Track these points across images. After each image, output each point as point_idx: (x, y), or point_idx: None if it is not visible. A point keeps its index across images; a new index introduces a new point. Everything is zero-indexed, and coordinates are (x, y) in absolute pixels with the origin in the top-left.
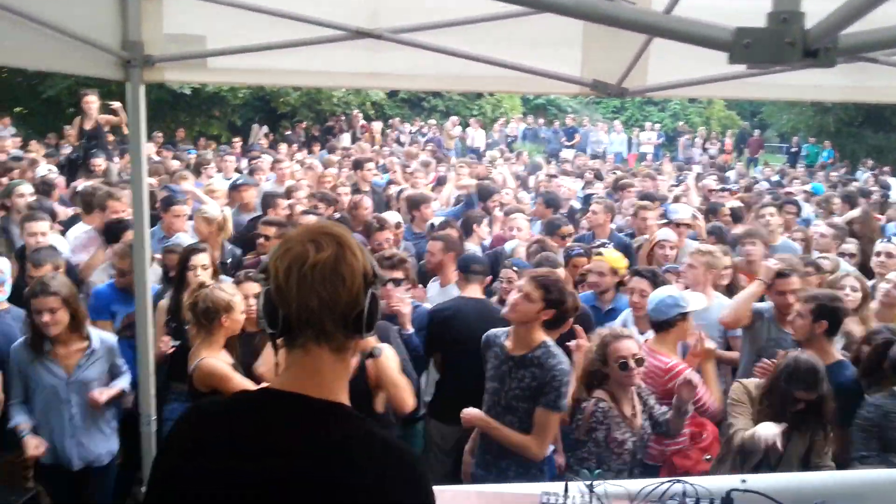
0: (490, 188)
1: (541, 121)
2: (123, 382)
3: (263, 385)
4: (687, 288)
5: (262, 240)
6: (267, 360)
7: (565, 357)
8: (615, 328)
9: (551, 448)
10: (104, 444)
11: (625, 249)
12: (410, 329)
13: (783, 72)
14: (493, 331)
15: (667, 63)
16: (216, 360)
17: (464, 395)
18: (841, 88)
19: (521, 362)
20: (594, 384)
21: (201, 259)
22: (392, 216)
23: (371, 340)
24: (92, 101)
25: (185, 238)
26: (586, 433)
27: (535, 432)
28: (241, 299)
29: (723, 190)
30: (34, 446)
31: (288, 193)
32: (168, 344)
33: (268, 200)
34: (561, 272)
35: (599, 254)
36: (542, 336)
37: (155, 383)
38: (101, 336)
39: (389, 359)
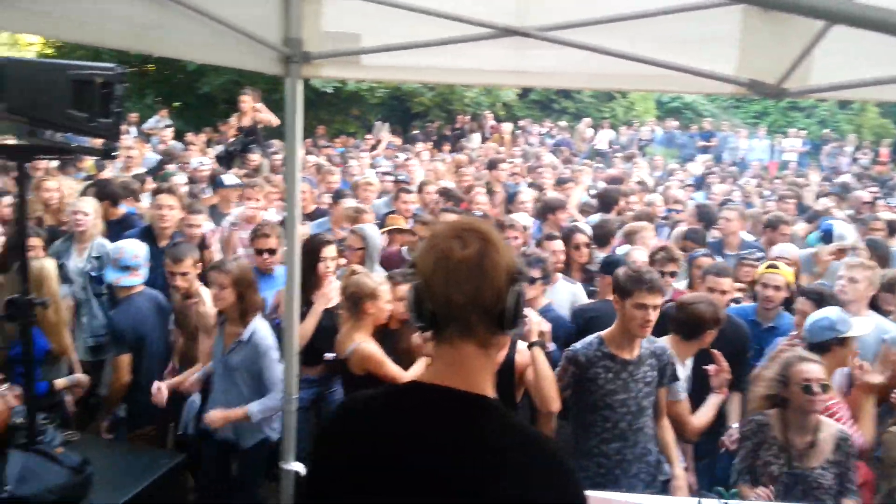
0: (614, 194)
1: (675, 124)
2: (255, 407)
3: (411, 378)
4: (847, 305)
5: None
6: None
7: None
8: (799, 350)
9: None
10: (248, 428)
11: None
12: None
13: None
14: (579, 349)
15: (833, 62)
16: (372, 345)
17: None
18: None
19: (638, 363)
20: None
21: (330, 251)
22: (521, 218)
23: (537, 328)
24: (247, 99)
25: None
26: (735, 442)
27: (662, 410)
28: (388, 288)
29: (876, 201)
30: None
31: (420, 189)
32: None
33: (396, 195)
34: (728, 282)
35: (775, 266)
36: None
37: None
38: (258, 329)
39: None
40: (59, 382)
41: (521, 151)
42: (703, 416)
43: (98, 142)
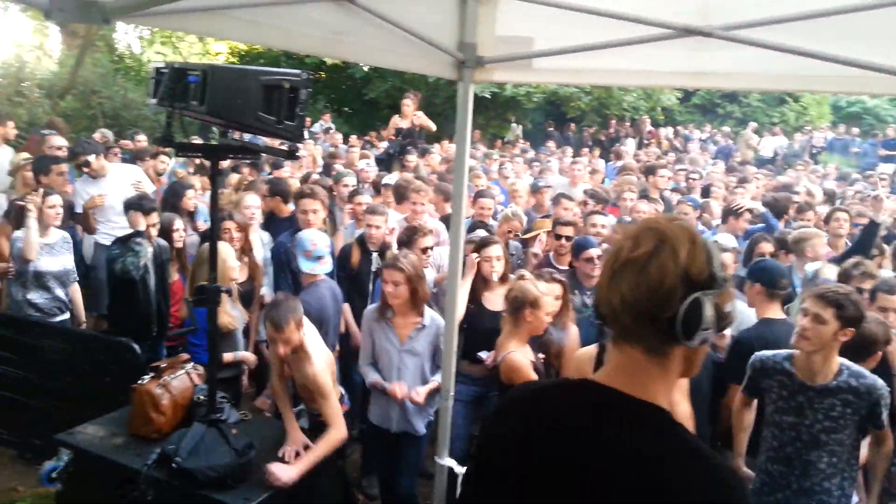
0: (784, 202)
1: (855, 130)
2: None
3: (586, 377)
4: None
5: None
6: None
7: (869, 372)
8: None
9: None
10: (422, 416)
11: None
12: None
13: None
14: (766, 354)
15: None
16: (521, 356)
17: None
18: None
19: (823, 393)
20: None
21: (495, 251)
22: (726, 239)
23: None
24: (408, 103)
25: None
26: None
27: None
28: (551, 300)
29: None
30: (399, 391)
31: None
32: None
33: (556, 200)
34: None
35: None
36: (838, 361)
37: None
38: (433, 316)
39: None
40: (227, 357)
41: (676, 157)
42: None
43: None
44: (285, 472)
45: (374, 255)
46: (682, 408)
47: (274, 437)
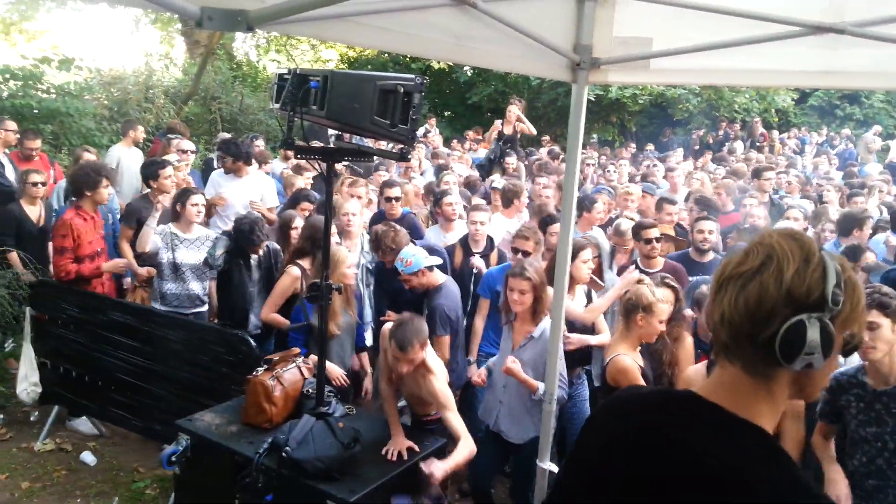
0: None
1: None
2: (541, 387)
3: (689, 388)
4: None
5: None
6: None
7: None
8: None
9: None
10: (527, 428)
11: None
12: None
13: None
14: (840, 372)
15: None
16: (630, 360)
17: None
18: None
19: (894, 395)
20: None
21: (586, 254)
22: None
23: None
24: (513, 109)
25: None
26: None
27: None
28: (667, 307)
29: None
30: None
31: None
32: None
33: (659, 205)
34: None
35: None
36: None
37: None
38: (547, 328)
39: None
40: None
41: (787, 161)
42: None
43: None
44: (438, 468)
45: (476, 256)
46: (791, 432)
47: (376, 433)
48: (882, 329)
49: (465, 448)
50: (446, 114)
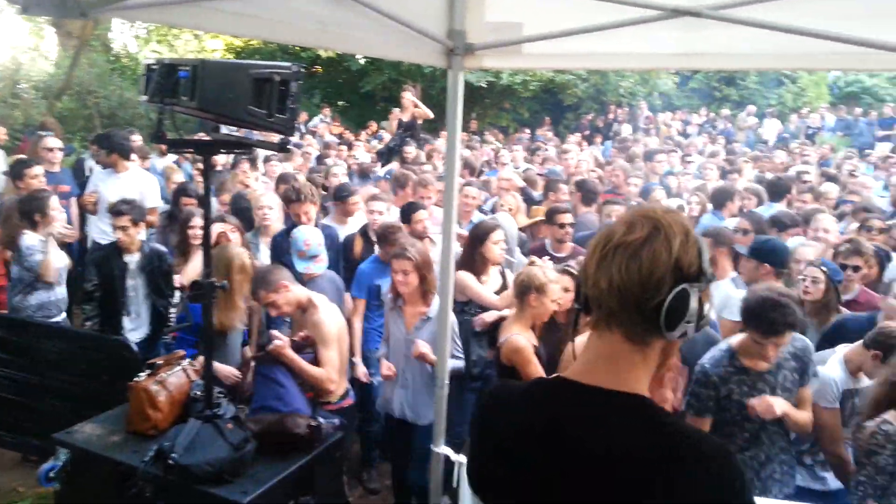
0: (783, 185)
1: (858, 110)
2: (455, 363)
3: (558, 374)
4: None
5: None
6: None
7: (842, 375)
8: None
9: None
10: (427, 407)
11: None
12: None
13: None
14: (710, 364)
15: None
16: (523, 338)
17: None
18: None
19: (777, 368)
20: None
21: (497, 235)
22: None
23: None
24: (408, 96)
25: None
26: (866, 456)
27: (806, 408)
28: (558, 288)
29: None
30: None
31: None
32: None
33: (551, 187)
34: None
35: None
36: None
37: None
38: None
39: None
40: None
41: (673, 143)
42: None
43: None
44: (282, 345)
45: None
46: (802, 416)
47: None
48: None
49: (322, 372)
50: (339, 103)
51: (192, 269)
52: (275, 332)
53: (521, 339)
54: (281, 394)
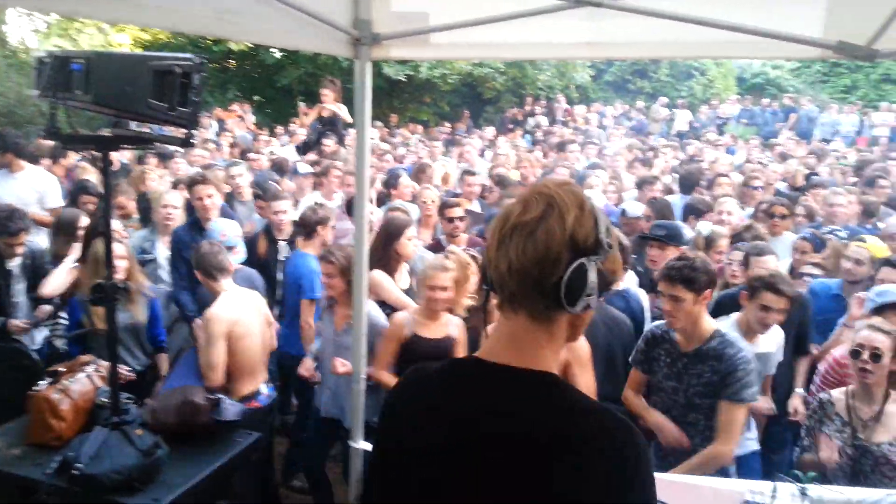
0: (695, 175)
1: (766, 101)
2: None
3: (474, 354)
4: None
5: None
6: None
7: (744, 343)
8: (873, 320)
9: (756, 444)
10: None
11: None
12: None
13: None
14: (658, 326)
15: None
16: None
17: None
18: None
19: (696, 357)
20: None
21: (411, 231)
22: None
23: None
24: (327, 92)
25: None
26: (797, 415)
27: (721, 429)
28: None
29: None
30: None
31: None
32: None
33: (461, 179)
34: (772, 259)
35: (862, 240)
36: (711, 325)
37: None
38: (370, 309)
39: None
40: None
41: (585, 133)
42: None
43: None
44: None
45: (282, 243)
46: (584, 379)
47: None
48: (685, 303)
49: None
50: (255, 98)
51: (55, 281)
52: None
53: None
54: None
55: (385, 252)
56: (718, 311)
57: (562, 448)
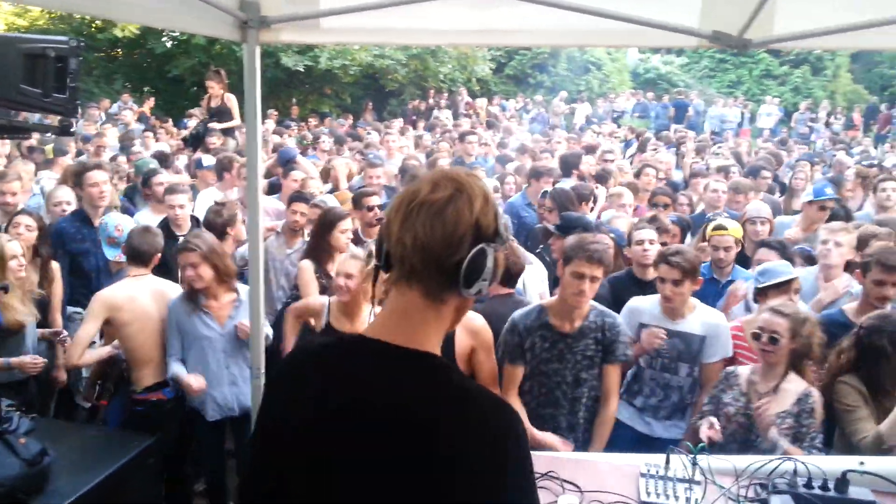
0: (573, 158)
1: (650, 95)
2: (267, 330)
3: (358, 331)
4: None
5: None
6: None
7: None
8: (785, 303)
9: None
10: (244, 396)
11: None
12: None
13: None
14: (522, 314)
15: (795, 11)
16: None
17: None
18: None
19: (579, 335)
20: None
21: (346, 224)
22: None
23: None
24: (213, 84)
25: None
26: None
27: (609, 390)
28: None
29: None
30: (196, 387)
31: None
32: None
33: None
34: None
35: (723, 228)
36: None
37: None
38: (247, 288)
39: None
40: (13, 361)
41: (486, 125)
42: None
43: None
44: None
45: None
46: (485, 366)
47: (73, 442)
48: (598, 282)
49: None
50: (145, 89)
51: None
52: None
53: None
54: None
55: (317, 243)
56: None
57: (442, 429)
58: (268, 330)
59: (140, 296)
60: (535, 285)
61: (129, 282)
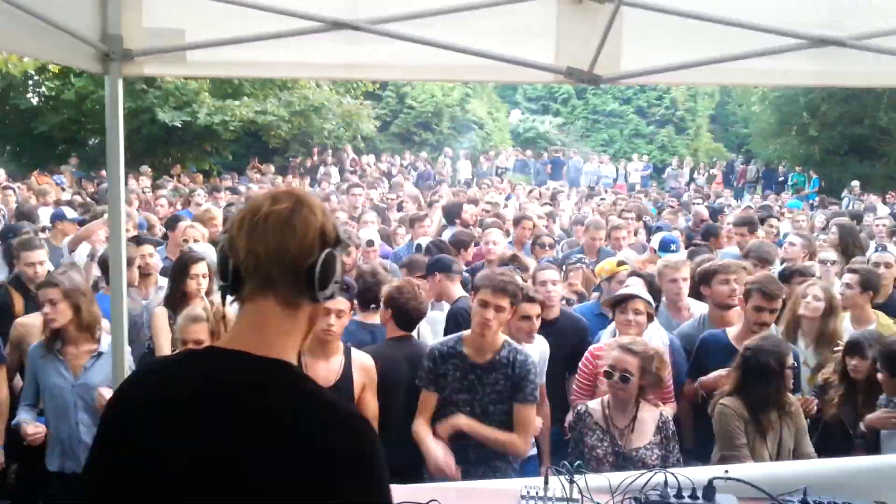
0: (456, 207)
1: (529, 152)
2: None
3: (208, 344)
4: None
5: None
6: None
7: (526, 349)
8: (630, 338)
9: (534, 450)
10: None
11: None
12: None
13: (759, 56)
14: (443, 343)
15: (641, 49)
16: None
17: None
18: (812, 73)
19: (489, 368)
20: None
21: (201, 268)
22: (367, 234)
23: None
24: None
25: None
26: (570, 435)
27: (518, 429)
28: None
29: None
30: (31, 432)
31: None
32: None
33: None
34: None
35: (624, 263)
36: (501, 336)
37: None
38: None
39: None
40: None
41: (370, 182)
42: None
43: None
44: None
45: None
46: (374, 403)
47: None
48: (505, 312)
49: None
50: (8, 148)
51: None
52: None
53: None
54: None
55: (172, 289)
56: None
57: (299, 433)
58: None
59: None
60: (429, 334)
61: None
